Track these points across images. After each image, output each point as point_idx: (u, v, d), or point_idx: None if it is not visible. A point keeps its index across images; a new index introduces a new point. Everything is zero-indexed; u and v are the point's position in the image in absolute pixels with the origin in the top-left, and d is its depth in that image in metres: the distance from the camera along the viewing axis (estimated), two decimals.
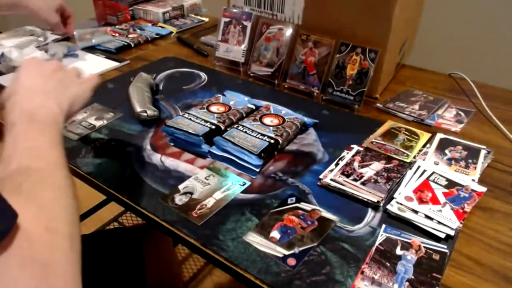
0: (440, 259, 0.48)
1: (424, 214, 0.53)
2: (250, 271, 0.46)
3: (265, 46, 0.89)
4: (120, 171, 0.62)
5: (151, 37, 1.13)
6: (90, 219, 1.38)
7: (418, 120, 0.76)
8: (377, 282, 0.45)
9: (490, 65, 1.15)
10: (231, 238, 0.51)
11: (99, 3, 1.21)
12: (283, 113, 0.73)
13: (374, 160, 0.63)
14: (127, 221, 1.53)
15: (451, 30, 1.19)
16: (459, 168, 0.62)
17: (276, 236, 0.51)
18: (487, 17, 1.12)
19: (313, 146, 0.68)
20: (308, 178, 0.61)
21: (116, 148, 0.67)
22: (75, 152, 0.66)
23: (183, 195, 0.57)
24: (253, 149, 0.61)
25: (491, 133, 0.73)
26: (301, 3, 0.85)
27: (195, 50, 1.06)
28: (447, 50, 1.22)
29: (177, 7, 1.29)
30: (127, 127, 0.73)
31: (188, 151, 0.66)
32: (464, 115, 0.78)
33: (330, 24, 0.82)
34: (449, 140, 0.69)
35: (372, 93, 0.83)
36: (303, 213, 0.54)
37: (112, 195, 0.59)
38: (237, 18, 0.93)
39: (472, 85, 0.87)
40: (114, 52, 1.04)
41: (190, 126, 0.66)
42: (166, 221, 0.53)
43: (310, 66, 0.83)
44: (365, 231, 0.52)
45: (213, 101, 0.75)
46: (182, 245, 0.61)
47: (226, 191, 0.58)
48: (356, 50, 0.78)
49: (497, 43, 1.13)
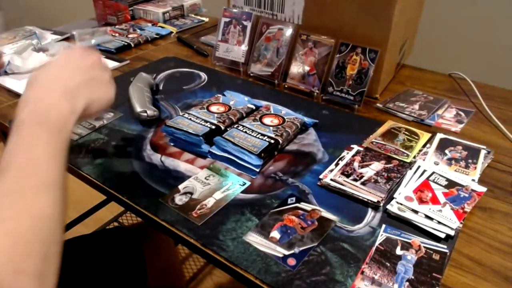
0: (440, 259, 0.48)
1: (424, 214, 0.53)
2: (250, 271, 0.46)
3: (265, 46, 0.89)
4: (120, 171, 0.62)
5: (151, 37, 1.13)
6: (90, 219, 1.38)
7: (418, 120, 0.76)
8: (377, 282, 0.45)
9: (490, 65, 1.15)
10: (231, 238, 0.51)
11: (99, 3, 1.21)
12: (283, 113, 0.73)
13: (374, 160, 0.63)
14: (127, 221, 1.53)
15: (451, 30, 1.19)
16: (459, 168, 0.62)
17: (276, 236, 0.51)
18: (487, 17, 1.12)
19: (313, 146, 0.68)
20: (308, 178, 0.61)
21: (116, 148, 0.67)
22: (75, 152, 0.66)
23: (183, 195, 0.57)
24: (253, 149, 0.61)
25: (491, 133, 0.73)
26: (301, 3, 0.85)
27: (195, 50, 1.06)
28: (447, 50, 1.22)
29: (177, 7, 1.29)
30: (127, 127, 0.73)
31: (188, 151, 0.66)
32: (464, 115, 0.78)
33: (330, 24, 0.82)
34: (449, 140, 0.69)
35: (372, 93, 0.83)
36: (303, 213, 0.54)
37: (112, 195, 0.59)
38: (237, 18, 0.93)
39: (472, 85, 0.87)
40: (114, 52, 1.04)
41: (190, 126, 0.66)
42: (166, 221, 0.53)
43: (310, 66, 0.83)
44: (365, 231, 0.52)
45: (213, 101, 0.75)
46: (182, 245, 0.61)
47: (226, 191, 0.58)
48: (356, 50, 0.78)
49: (497, 43, 1.13)
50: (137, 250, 0.79)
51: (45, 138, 0.44)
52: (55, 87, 0.48)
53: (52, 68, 0.51)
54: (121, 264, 0.76)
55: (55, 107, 0.46)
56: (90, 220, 1.38)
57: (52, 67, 0.51)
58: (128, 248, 0.79)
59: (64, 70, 0.51)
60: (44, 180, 0.41)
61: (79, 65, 0.52)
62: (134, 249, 0.79)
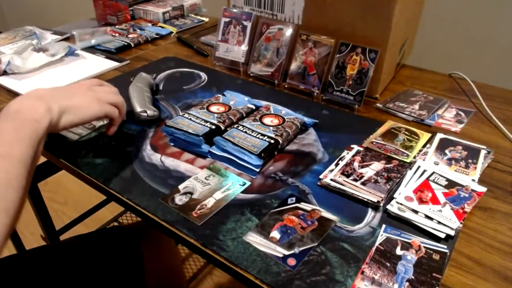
0: (440, 259, 0.48)
1: (424, 214, 0.53)
2: (250, 271, 0.46)
3: (265, 46, 0.89)
4: (120, 171, 0.62)
5: (151, 37, 1.13)
6: (90, 219, 1.38)
7: (418, 120, 0.76)
8: (377, 282, 0.45)
9: (490, 65, 1.15)
10: (231, 238, 0.51)
11: (99, 3, 1.21)
12: (283, 113, 0.73)
13: (374, 160, 0.63)
14: (127, 221, 1.53)
15: (451, 30, 1.19)
16: (459, 168, 0.62)
17: (276, 236, 0.51)
18: (487, 17, 1.12)
19: (313, 146, 0.68)
20: (308, 178, 0.61)
21: (116, 148, 0.67)
22: (75, 152, 0.66)
23: (183, 195, 0.57)
24: (253, 149, 0.61)
25: (491, 133, 0.73)
26: (301, 3, 0.85)
27: (195, 50, 1.06)
28: (447, 50, 1.22)
29: (177, 7, 1.29)
30: (127, 127, 0.73)
31: (188, 151, 0.66)
32: (464, 115, 0.78)
33: (330, 24, 0.82)
34: (449, 140, 0.69)
35: (372, 93, 0.83)
36: (303, 213, 0.54)
37: (112, 195, 0.59)
38: (237, 18, 0.93)
39: (472, 85, 0.87)
40: (114, 52, 1.04)
41: (190, 126, 0.66)
42: (166, 221, 0.53)
43: (310, 66, 0.83)
44: (365, 231, 0.52)
45: (213, 101, 0.75)
46: (182, 245, 0.61)
47: (226, 191, 0.58)
48: (356, 50, 0.78)
49: (497, 43, 1.13)
50: (135, 250, 0.79)
51: (14, 126, 0.48)
52: (33, 95, 0.54)
53: (52, 88, 0.57)
54: (119, 263, 0.76)
55: (30, 107, 0.51)
56: (90, 220, 1.38)
57: (53, 88, 0.57)
58: (125, 247, 0.79)
59: (58, 88, 0.58)
60: (7, 156, 0.45)
61: (75, 86, 0.60)
62: (132, 248, 0.79)
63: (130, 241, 0.80)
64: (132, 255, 0.78)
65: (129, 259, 0.78)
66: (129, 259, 0.78)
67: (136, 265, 0.78)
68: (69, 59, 0.99)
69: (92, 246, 0.77)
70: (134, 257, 0.78)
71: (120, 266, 0.76)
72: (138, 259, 0.78)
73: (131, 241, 0.81)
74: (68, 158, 0.65)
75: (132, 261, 0.78)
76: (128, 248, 0.79)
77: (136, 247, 0.80)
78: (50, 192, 1.82)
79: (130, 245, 0.80)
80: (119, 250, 0.78)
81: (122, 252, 0.78)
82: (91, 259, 0.74)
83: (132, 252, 0.79)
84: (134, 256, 0.78)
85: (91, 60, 0.99)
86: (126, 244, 0.80)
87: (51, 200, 1.79)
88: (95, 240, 0.79)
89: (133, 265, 0.77)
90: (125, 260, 0.77)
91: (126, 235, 0.82)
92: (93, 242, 0.79)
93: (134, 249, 0.79)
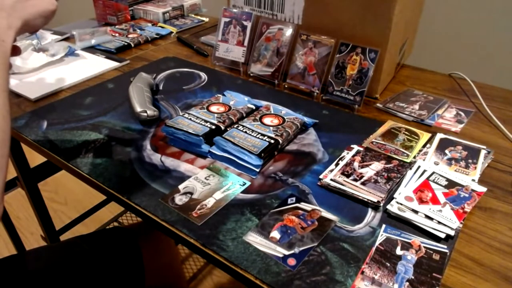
0: (440, 259, 0.48)
1: (424, 214, 0.53)
2: (250, 271, 0.46)
3: (265, 46, 0.89)
4: (120, 171, 0.62)
5: (151, 37, 1.13)
6: (90, 219, 1.38)
7: (418, 120, 0.76)
8: (377, 282, 0.45)
9: (490, 65, 1.15)
10: (231, 238, 0.51)
11: (99, 3, 1.21)
12: (283, 113, 0.73)
13: (374, 160, 0.63)
14: (127, 221, 1.53)
15: (451, 30, 1.19)
16: (459, 168, 0.62)
17: (276, 236, 0.51)
18: (487, 17, 1.12)
19: (313, 146, 0.68)
20: (308, 178, 0.61)
21: (116, 148, 0.67)
22: (75, 152, 0.66)
23: (183, 195, 0.57)
24: (253, 149, 0.61)
25: (491, 133, 0.73)
26: (301, 3, 0.85)
27: (195, 50, 1.06)
28: (447, 50, 1.22)
29: (177, 7, 1.29)
30: (127, 127, 0.73)
31: (188, 151, 0.66)
32: (464, 115, 0.78)
33: (330, 24, 0.82)
34: (449, 140, 0.69)
35: (372, 93, 0.83)
36: (303, 213, 0.54)
37: (112, 195, 0.59)
38: (237, 18, 0.93)
39: (472, 85, 0.87)
40: (114, 52, 1.04)
41: (190, 126, 0.66)
42: (166, 221, 0.53)
43: (310, 66, 0.83)
44: (365, 231, 0.52)
45: (213, 101, 0.75)
46: (182, 245, 0.61)
47: (226, 191, 0.58)
48: (356, 50, 0.78)
49: (497, 43, 1.13)
50: (134, 250, 0.79)
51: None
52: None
53: None
54: (119, 263, 0.76)
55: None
56: (90, 220, 1.38)
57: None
58: (125, 247, 0.79)
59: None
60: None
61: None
62: (132, 248, 0.79)
63: (130, 241, 0.80)
64: (132, 256, 0.78)
65: (129, 259, 0.78)
66: (129, 259, 0.78)
67: (136, 265, 0.78)
68: (69, 59, 0.99)
69: (92, 246, 0.77)
70: (134, 257, 0.78)
71: (120, 266, 0.76)
72: (138, 259, 0.78)
73: (131, 241, 0.81)
74: (68, 158, 0.65)
75: (132, 261, 0.78)
76: (128, 248, 0.79)
77: (136, 247, 0.80)
78: (50, 192, 1.82)
79: (130, 245, 0.80)
80: (119, 251, 0.78)
81: (122, 253, 0.78)
82: (91, 259, 0.74)
83: (132, 252, 0.79)
84: (134, 256, 0.78)
85: (91, 60, 0.99)
86: (126, 244, 0.80)
87: (51, 200, 1.79)
88: (95, 240, 0.79)
89: (133, 265, 0.77)
90: (125, 260, 0.77)
91: (126, 235, 0.82)
92: (93, 242, 0.79)
93: (134, 249, 0.79)
